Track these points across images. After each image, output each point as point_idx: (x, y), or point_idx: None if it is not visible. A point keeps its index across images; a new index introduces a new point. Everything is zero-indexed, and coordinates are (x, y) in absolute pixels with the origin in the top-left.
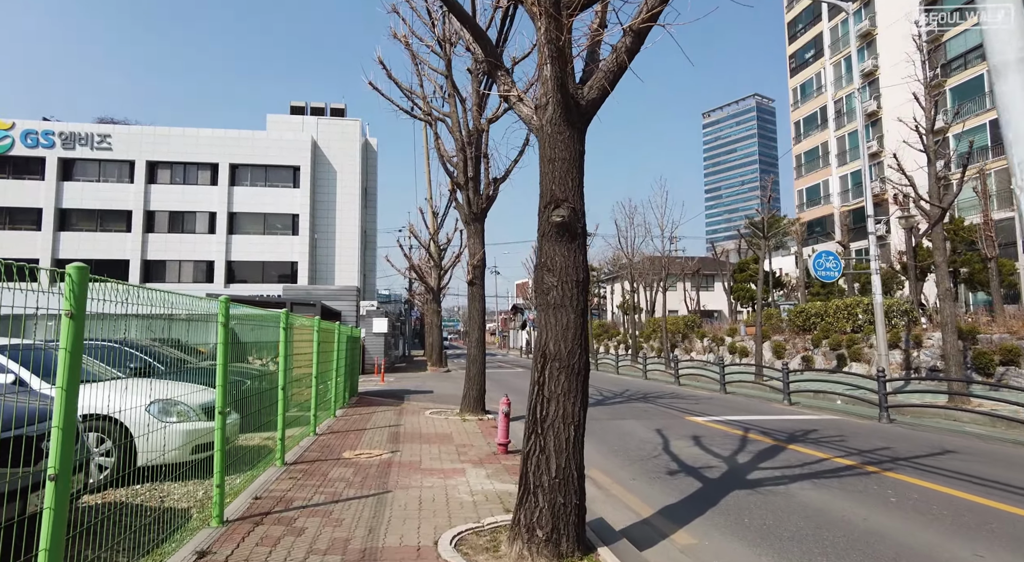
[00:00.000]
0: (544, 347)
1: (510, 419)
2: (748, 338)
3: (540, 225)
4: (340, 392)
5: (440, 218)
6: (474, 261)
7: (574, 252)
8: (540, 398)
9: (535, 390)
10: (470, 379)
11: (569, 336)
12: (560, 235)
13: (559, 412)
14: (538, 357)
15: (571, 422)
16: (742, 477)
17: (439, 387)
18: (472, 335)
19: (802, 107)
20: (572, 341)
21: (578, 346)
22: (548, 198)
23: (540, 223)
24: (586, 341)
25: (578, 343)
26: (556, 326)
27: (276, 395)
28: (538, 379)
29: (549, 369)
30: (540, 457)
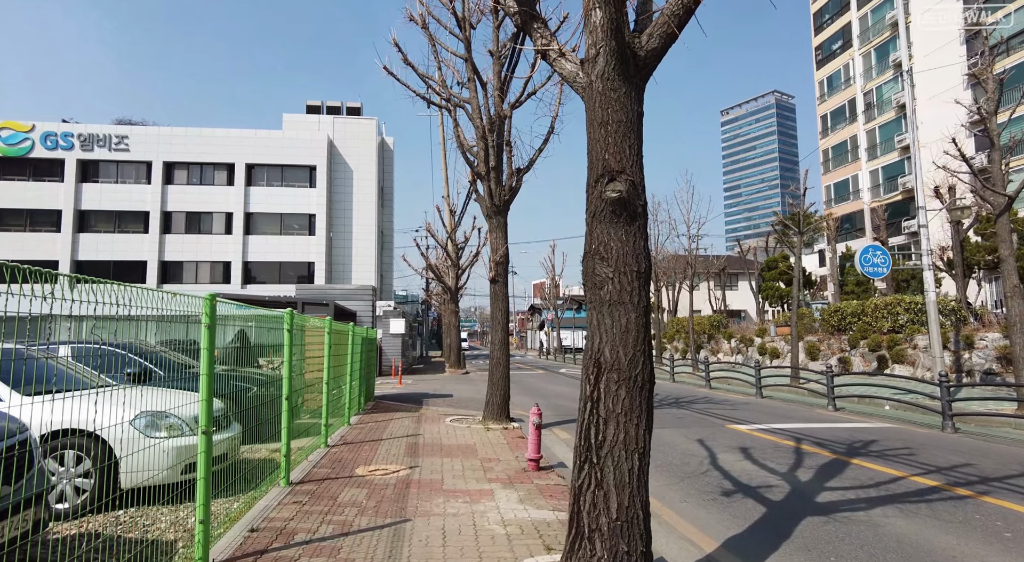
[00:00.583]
0: (598, 354)
1: (540, 430)
2: (779, 338)
3: (590, 203)
4: (355, 398)
5: (458, 216)
6: (496, 257)
7: (633, 236)
8: (595, 418)
9: (588, 407)
10: (493, 384)
11: (629, 340)
12: (616, 215)
13: (619, 436)
14: (590, 366)
15: (635, 449)
16: (811, 500)
17: (458, 390)
18: (495, 336)
19: (829, 100)
20: (633, 346)
21: (640, 353)
22: (600, 170)
23: (589, 201)
24: (649, 347)
25: (641, 349)
26: (613, 328)
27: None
28: (591, 394)
29: (605, 382)
30: (596, 493)
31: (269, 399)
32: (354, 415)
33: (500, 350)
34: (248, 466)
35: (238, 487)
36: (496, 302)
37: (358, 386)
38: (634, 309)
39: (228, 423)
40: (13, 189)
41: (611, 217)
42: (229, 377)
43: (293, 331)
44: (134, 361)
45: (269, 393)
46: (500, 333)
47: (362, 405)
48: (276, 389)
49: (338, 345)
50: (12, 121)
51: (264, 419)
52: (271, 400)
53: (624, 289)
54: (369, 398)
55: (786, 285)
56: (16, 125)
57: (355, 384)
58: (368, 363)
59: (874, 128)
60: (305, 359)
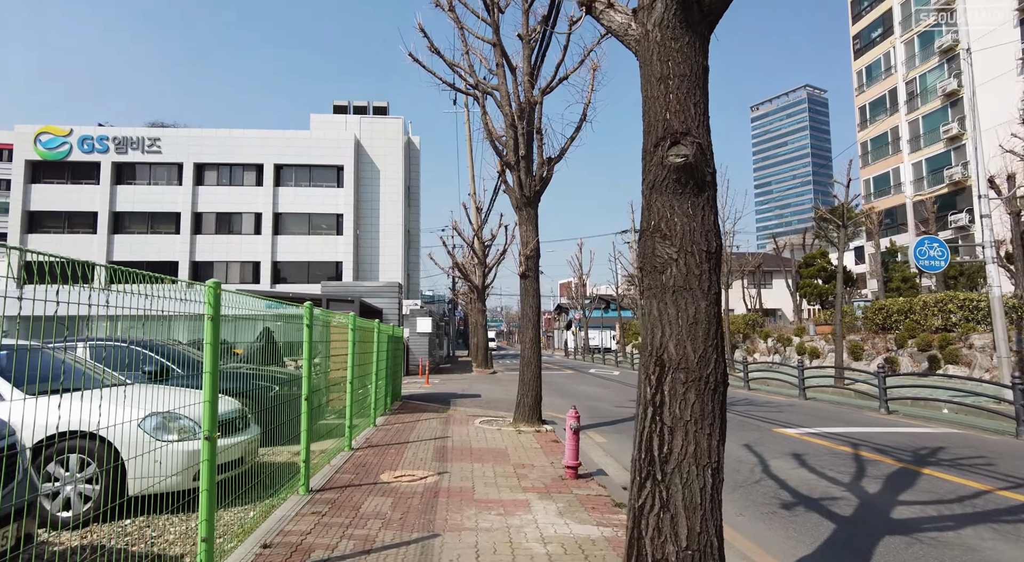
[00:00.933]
0: (660, 351)
1: (578, 434)
2: (818, 337)
3: (647, 172)
4: (381, 398)
5: (484, 213)
6: (527, 251)
7: (701, 209)
8: (657, 426)
9: (649, 414)
10: (524, 384)
11: (699, 334)
12: (681, 184)
13: (688, 448)
14: (651, 365)
15: (707, 464)
16: (885, 515)
17: (487, 391)
18: (525, 334)
19: (868, 91)
20: (704, 341)
21: (712, 348)
22: (661, 132)
23: (647, 170)
24: (722, 342)
25: (712, 344)
26: (678, 319)
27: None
28: (653, 397)
29: (671, 383)
30: (662, 516)
31: (292, 399)
32: (380, 416)
33: (531, 349)
34: (268, 470)
35: (254, 494)
36: (526, 298)
37: (384, 386)
38: (703, 296)
39: (246, 424)
40: (52, 192)
41: (675, 187)
42: (250, 376)
43: (313, 327)
44: (152, 359)
45: (293, 393)
46: (531, 331)
47: (388, 405)
48: (300, 388)
49: (363, 343)
50: (51, 126)
51: (286, 420)
52: (294, 400)
53: (691, 272)
54: (396, 398)
55: (824, 282)
56: (55, 130)
57: (381, 383)
58: (394, 362)
59: (917, 118)
60: (330, 357)
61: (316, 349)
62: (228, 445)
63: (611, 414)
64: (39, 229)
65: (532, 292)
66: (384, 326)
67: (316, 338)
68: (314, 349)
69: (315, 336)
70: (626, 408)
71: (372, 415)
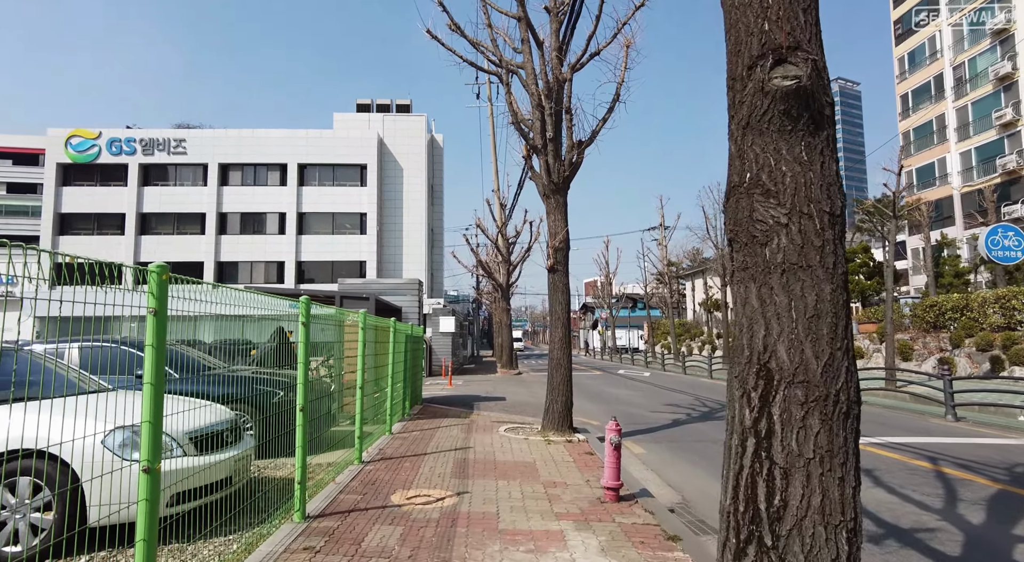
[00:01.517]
0: (764, 356)
1: (619, 451)
2: (861, 336)
3: (737, 106)
4: (398, 402)
5: (508, 210)
6: (555, 242)
7: (820, 155)
8: (763, 465)
9: (748, 447)
10: (553, 388)
11: (823, 332)
12: (791, 118)
13: (812, 499)
14: (750, 377)
15: (840, 522)
16: (1007, 557)
17: (512, 393)
18: (554, 333)
19: (911, 77)
20: (830, 342)
21: (842, 353)
22: (757, 48)
23: (736, 102)
24: (852, 342)
25: (841, 347)
26: (791, 311)
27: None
28: (754, 424)
29: (783, 404)
30: None
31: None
32: (397, 422)
33: (560, 349)
34: (264, 487)
35: (243, 519)
36: (555, 294)
37: (402, 389)
38: (827, 277)
39: (237, 438)
40: (82, 194)
41: (782, 122)
42: (252, 380)
43: (321, 326)
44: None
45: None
46: (560, 330)
47: (407, 410)
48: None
49: (378, 343)
50: (81, 129)
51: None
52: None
53: (809, 243)
54: (415, 401)
55: (866, 278)
56: (85, 133)
57: (399, 387)
58: (414, 363)
59: (966, 105)
60: (344, 358)
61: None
62: (212, 463)
63: (647, 420)
64: (70, 231)
65: (561, 287)
66: (401, 325)
67: (330, 338)
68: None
69: (329, 336)
70: (662, 413)
71: (388, 422)
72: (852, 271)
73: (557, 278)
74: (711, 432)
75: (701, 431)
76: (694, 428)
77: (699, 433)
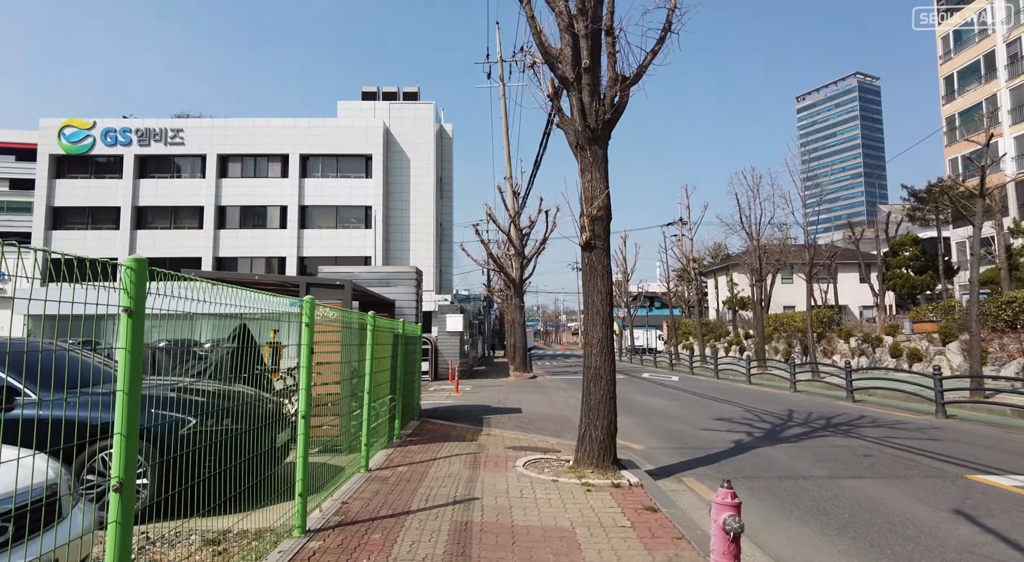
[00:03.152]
0: None
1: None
2: (918, 337)
3: None
4: (383, 424)
5: (522, 198)
6: (592, 209)
7: None
8: None
9: None
10: (591, 408)
11: None
12: None
13: None
14: None
15: None
16: None
17: (527, 402)
18: (591, 332)
19: (956, 57)
20: None
21: None
22: None
23: None
24: None
25: None
26: None
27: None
28: None
29: None
30: None
31: (232, 437)
32: (382, 449)
33: (600, 355)
34: None
35: None
36: (592, 279)
37: (390, 404)
38: None
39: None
40: (76, 187)
41: None
42: (147, 400)
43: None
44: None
45: (229, 427)
46: (601, 328)
47: (397, 431)
48: (251, 419)
49: (353, 346)
50: (75, 119)
51: (214, 473)
52: (235, 439)
53: None
54: (411, 416)
55: (917, 273)
56: (78, 123)
57: (386, 400)
58: (409, 370)
59: (1021, 85)
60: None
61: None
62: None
63: (700, 442)
64: (63, 226)
65: (601, 271)
66: (387, 321)
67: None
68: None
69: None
70: (716, 432)
71: (364, 456)
72: (900, 265)
73: (595, 258)
74: (792, 462)
75: (778, 460)
76: (766, 455)
77: (777, 464)
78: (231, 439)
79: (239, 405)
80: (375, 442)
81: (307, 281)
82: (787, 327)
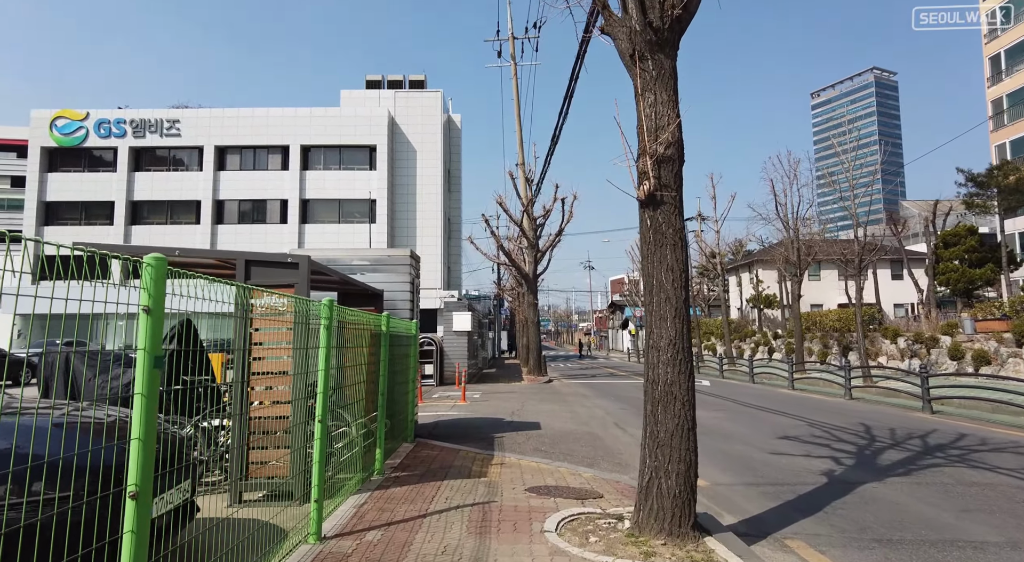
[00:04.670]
0: None
1: None
2: (982, 337)
3: None
4: (355, 458)
5: (536, 185)
6: (659, 145)
7: None
8: None
9: None
10: (658, 443)
11: None
12: None
13: None
14: None
15: None
16: None
17: (546, 414)
18: (658, 331)
19: (1004, 35)
20: None
21: None
22: None
23: None
24: None
25: None
26: None
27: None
28: None
29: None
30: None
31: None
32: (356, 491)
33: (672, 363)
34: None
35: None
36: (659, 250)
37: (372, 426)
38: None
39: None
40: (69, 181)
41: None
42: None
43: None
44: None
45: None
46: (672, 323)
47: (378, 464)
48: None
49: (305, 350)
50: (67, 110)
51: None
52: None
53: None
54: (403, 436)
55: (974, 266)
56: (71, 113)
57: (363, 423)
58: (401, 379)
59: None
60: (247, 381)
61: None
62: None
63: (782, 474)
64: (56, 221)
65: (672, 237)
66: (366, 315)
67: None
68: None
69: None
70: (791, 456)
71: (315, 517)
72: (953, 257)
73: (663, 218)
74: (928, 511)
75: (907, 508)
76: (883, 498)
77: (910, 514)
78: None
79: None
80: (344, 484)
81: (247, 258)
82: (820, 326)
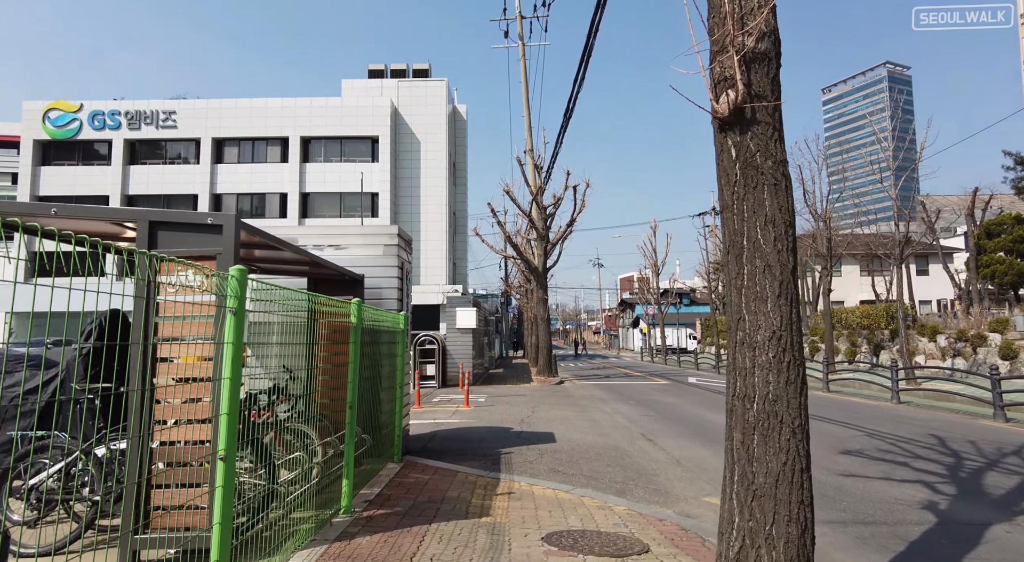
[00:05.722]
0: None
1: None
2: None
3: None
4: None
5: (545, 173)
6: (746, 34)
7: None
8: None
9: None
10: (753, 491)
11: None
12: None
13: None
14: None
15: None
16: None
17: (561, 422)
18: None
19: None
20: None
21: None
22: None
23: None
24: None
25: None
26: None
27: None
28: None
29: None
30: None
31: None
32: (307, 543)
33: (775, 368)
34: None
35: None
36: (753, 191)
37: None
38: None
39: None
40: (62, 175)
41: None
42: None
43: None
44: None
45: None
46: (777, 307)
47: (345, 502)
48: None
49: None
50: (61, 101)
51: None
52: None
53: None
54: (387, 455)
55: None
56: (65, 105)
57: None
58: (388, 385)
59: None
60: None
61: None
62: None
63: (865, 506)
64: None
65: (770, 172)
66: (327, 300)
67: None
68: None
69: None
70: (866, 478)
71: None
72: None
73: (755, 144)
74: None
75: None
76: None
77: None
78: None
79: None
80: (294, 534)
81: (152, 218)
82: (846, 324)
